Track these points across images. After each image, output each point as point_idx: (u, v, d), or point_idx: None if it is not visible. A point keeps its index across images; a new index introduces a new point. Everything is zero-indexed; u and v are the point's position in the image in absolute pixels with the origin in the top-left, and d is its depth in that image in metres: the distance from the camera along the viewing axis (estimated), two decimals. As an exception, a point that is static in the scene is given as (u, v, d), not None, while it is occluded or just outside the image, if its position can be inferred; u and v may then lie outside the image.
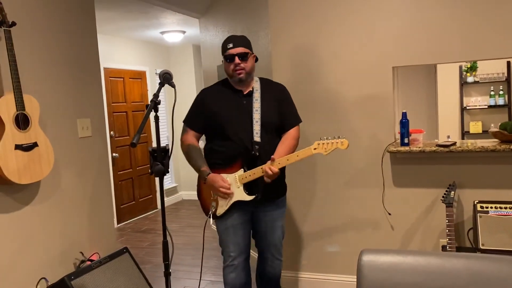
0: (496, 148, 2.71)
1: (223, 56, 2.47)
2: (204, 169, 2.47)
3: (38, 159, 2.47)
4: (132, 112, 6.12)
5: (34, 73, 2.61)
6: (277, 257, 2.68)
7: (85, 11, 2.99)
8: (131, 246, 4.82)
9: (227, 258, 2.57)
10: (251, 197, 2.44)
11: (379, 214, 3.13)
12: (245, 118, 2.46)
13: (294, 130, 2.57)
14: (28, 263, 2.56)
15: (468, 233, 2.94)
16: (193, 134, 2.58)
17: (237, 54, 2.42)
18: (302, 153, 2.38)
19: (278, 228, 2.63)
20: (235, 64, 2.43)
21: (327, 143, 2.37)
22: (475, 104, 6.04)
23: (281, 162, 2.37)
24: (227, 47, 2.45)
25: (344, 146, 2.35)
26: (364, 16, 3.03)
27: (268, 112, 2.48)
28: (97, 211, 3.07)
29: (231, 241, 2.54)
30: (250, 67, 2.47)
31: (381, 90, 3.04)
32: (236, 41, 2.45)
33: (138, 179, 6.21)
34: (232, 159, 2.45)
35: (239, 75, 2.44)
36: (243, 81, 2.47)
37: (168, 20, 5.07)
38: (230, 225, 2.53)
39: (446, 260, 1.50)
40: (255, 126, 2.44)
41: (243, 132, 2.44)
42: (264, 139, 2.46)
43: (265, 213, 2.58)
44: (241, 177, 2.43)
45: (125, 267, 2.72)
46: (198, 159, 2.52)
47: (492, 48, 2.78)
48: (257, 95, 2.49)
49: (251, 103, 2.48)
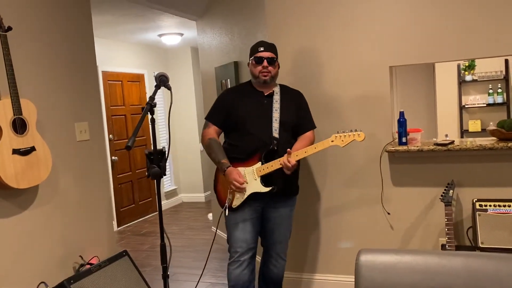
0: (494, 146, 2.71)
1: (253, 57, 2.61)
2: (224, 161, 2.56)
3: (36, 164, 2.47)
4: (131, 115, 6.12)
5: (31, 77, 2.61)
6: (281, 256, 2.75)
7: (82, 14, 2.99)
8: (131, 249, 4.81)
9: (234, 254, 2.61)
10: (268, 188, 2.53)
11: (378, 213, 3.13)
12: (265, 116, 2.60)
13: (310, 133, 2.72)
14: (28, 268, 2.55)
15: (467, 232, 2.93)
16: (215, 129, 2.67)
17: (266, 57, 2.58)
18: (320, 145, 2.49)
19: (286, 227, 2.72)
20: (263, 67, 2.57)
21: (345, 135, 2.50)
22: (473, 102, 6.03)
23: (299, 154, 2.49)
24: (258, 49, 2.60)
25: (361, 138, 2.48)
26: (361, 16, 3.03)
27: (286, 112, 2.63)
28: (96, 215, 3.07)
29: (239, 237, 2.60)
30: (275, 72, 2.64)
31: (378, 90, 3.04)
32: (266, 46, 2.61)
33: (138, 182, 6.21)
34: (251, 153, 2.56)
35: (265, 77, 2.58)
36: (267, 84, 2.62)
37: (165, 23, 5.07)
38: (240, 220, 2.59)
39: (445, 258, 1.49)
40: (274, 123, 2.58)
41: (263, 128, 2.57)
42: (282, 136, 2.59)
43: (275, 209, 2.66)
44: (259, 169, 2.53)
45: (124, 270, 2.71)
46: (219, 152, 2.60)
47: (490, 46, 2.78)
48: (277, 97, 2.65)
49: (271, 103, 2.63)
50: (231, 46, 4.08)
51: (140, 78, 6.31)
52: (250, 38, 3.62)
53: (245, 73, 3.81)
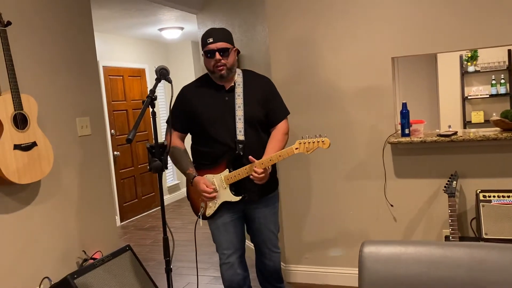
0: (497, 137, 2.69)
1: (203, 51, 2.34)
2: (190, 171, 2.41)
3: (38, 159, 2.46)
4: (133, 110, 6.11)
5: (32, 72, 2.60)
6: (274, 250, 2.61)
7: (82, 9, 2.98)
8: (135, 244, 4.83)
9: (222, 256, 2.53)
10: (238, 197, 2.38)
11: (381, 205, 3.12)
12: (227, 116, 2.36)
13: (283, 124, 2.46)
14: (31, 263, 2.56)
15: (471, 223, 2.92)
16: (177, 134, 2.47)
17: (217, 49, 2.29)
18: (284, 153, 2.27)
19: (272, 224, 2.56)
20: (215, 60, 2.30)
21: (309, 142, 2.27)
22: (476, 93, 6.00)
23: (264, 162, 2.28)
24: (206, 41, 2.30)
25: (326, 146, 2.25)
26: (362, 7, 3.01)
27: (251, 108, 2.37)
28: (99, 209, 3.07)
29: (223, 240, 2.49)
30: (232, 62, 2.35)
31: (380, 81, 3.02)
32: (216, 35, 2.30)
33: (140, 177, 6.21)
34: (216, 159, 2.38)
35: (220, 71, 2.32)
36: (224, 77, 2.36)
37: (165, 17, 5.05)
38: (220, 223, 2.47)
39: (448, 249, 1.48)
40: (238, 124, 2.34)
41: (226, 131, 2.35)
42: (249, 136, 2.36)
43: (256, 210, 2.51)
44: (227, 178, 2.36)
45: (127, 264, 2.72)
46: (183, 161, 2.44)
47: (492, 36, 2.75)
48: (239, 90, 2.38)
49: (234, 99, 2.37)
50: (232, 39, 4.05)
51: (141, 73, 6.30)
52: (251, 31, 3.59)
53: (246, 66, 3.79)
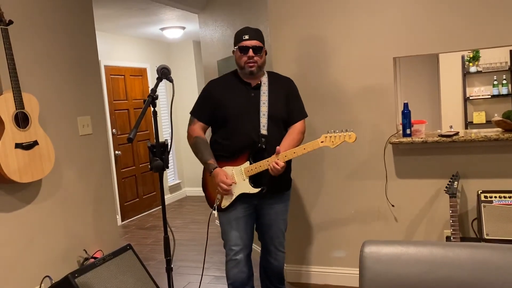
0: (499, 137, 2.68)
1: (237, 46, 2.44)
2: (211, 162, 2.46)
3: (39, 158, 2.46)
4: (134, 109, 6.11)
5: (33, 71, 2.60)
6: (280, 249, 2.69)
7: (83, 8, 2.98)
8: (136, 243, 4.83)
9: (230, 252, 2.56)
10: (257, 189, 2.43)
11: (382, 206, 3.11)
12: (252, 111, 2.45)
13: (300, 124, 2.55)
14: (32, 262, 2.56)
15: (472, 224, 2.92)
16: (200, 125, 2.55)
17: (252, 46, 2.40)
18: (309, 146, 2.36)
19: (281, 222, 2.64)
20: (248, 57, 2.41)
21: (335, 136, 2.35)
22: (478, 94, 5.99)
23: (287, 155, 2.36)
24: (242, 38, 2.42)
25: (352, 139, 2.33)
26: (364, 7, 3.00)
27: (275, 105, 2.48)
28: (100, 208, 3.07)
29: (233, 235, 2.53)
30: (262, 61, 2.46)
31: (382, 81, 3.02)
32: (252, 33, 2.43)
33: (142, 176, 6.21)
34: (238, 152, 2.44)
35: (251, 68, 2.42)
36: (253, 75, 2.46)
37: (167, 16, 5.05)
38: (233, 218, 2.51)
39: (449, 250, 1.48)
40: (262, 119, 2.43)
41: (250, 124, 2.44)
42: (271, 132, 2.45)
43: (269, 206, 2.58)
44: (247, 170, 2.42)
45: (128, 264, 2.72)
46: (205, 151, 2.49)
47: (494, 36, 2.74)
48: (265, 88, 2.48)
49: (259, 96, 2.47)
50: (233, 39, 4.04)
51: (142, 72, 6.30)
52: (253, 31, 3.59)
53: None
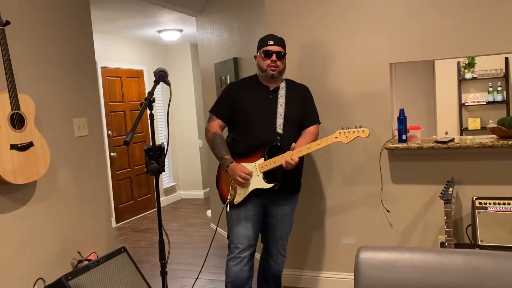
0: (494, 144, 2.70)
1: (262, 50, 2.57)
2: (228, 157, 2.54)
3: (34, 159, 2.45)
4: (130, 111, 6.10)
5: (30, 72, 2.59)
6: (281, 252, 2.77)
7: (81, 9, 2.97)
8: (130, 245, 4.81)
9: (234, 250, 2.60)
10: (270, 185, 2.50)
11: (377, 211, 3.12)
12: (269, 111, 2.57)
13: (314, 128, 2.67)
14: (25, 263, 2.54)
15: (466, 230, 2.93)
16: (219, 123, 2.65)
17: (275, 52, 2.54)
18: (324, 141, 2.46)
19: (287, 224, 2.72)
20: (271, 61, 2.54)
21: (349, 131, 2.45)
22: (473, 100, 6.02)
23: (302, 150, 2.45)
24: (267, 43, 2.56)
25: (366, 135, 2.43)
26: (361, 13, 3.02)
27: (291, 107, 2.60)
28: (95, 211, 3.05)
29: (241, 233, 2.59)
30: (283, 67, 2.61)
31: (378, 87, 3.03)
32: (276, 40, 2.58)
33: (137, 178, 6.19)
34: (254, 149, 2.54)
35: (273, 71, 2.55)
36: (274, 78, 2.58)
37: (165, 19, 5.05)
38: (243, 216, 2.58)
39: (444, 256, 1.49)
40: (279, 119, 2.56)
41: (267, 123, 2.55)
42: (286, 131, 2.56)
43: (277, 206, 2.65)
44: (261, 165, 2.50)
45: (122, 266, 2.70)
46: (222, 147, 2.58)
47: (490, 43, 2.76)
48: (282, 92, 2.62)
49: (277, 98, 2.60)
50: (230, 42, 4.06)
51: (139, 74, 6.29)
52: (250, 34, 3.60)
53: (244, 69, 3.79)
